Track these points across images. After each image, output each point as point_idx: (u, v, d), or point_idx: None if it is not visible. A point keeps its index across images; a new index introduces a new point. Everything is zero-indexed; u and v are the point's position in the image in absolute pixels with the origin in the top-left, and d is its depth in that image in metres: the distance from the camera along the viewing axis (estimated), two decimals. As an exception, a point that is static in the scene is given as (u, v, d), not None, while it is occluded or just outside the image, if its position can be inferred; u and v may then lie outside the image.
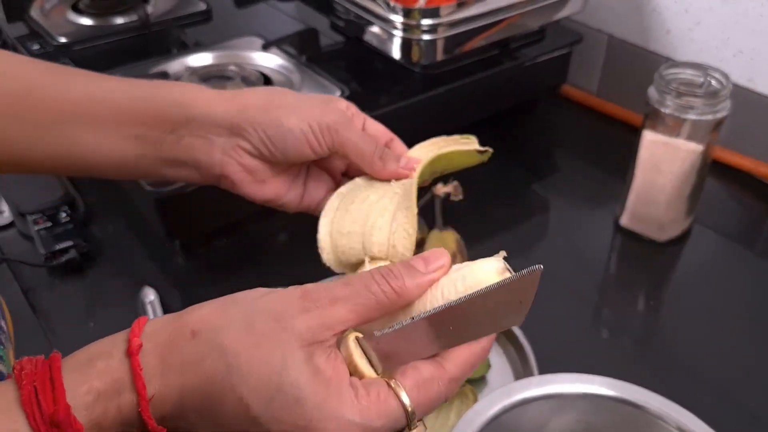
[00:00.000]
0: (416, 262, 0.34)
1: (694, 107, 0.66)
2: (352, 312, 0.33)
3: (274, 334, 0.31)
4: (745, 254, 0.75)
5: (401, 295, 0.33)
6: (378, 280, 0.33)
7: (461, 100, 0.83)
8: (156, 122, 0.45)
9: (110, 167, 0.46)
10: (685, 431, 0.41)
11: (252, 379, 0.31)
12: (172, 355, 0.32)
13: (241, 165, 0.47)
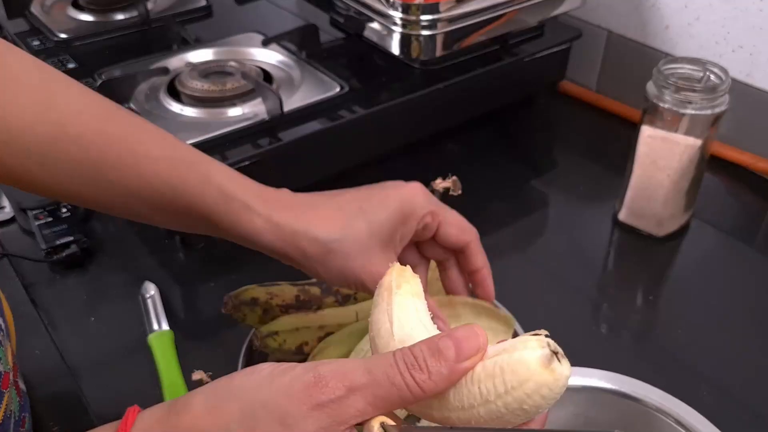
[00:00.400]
0: (446, 346, 0.29)
1: (692, 102, 0.66)
2: (370, 405, 0.29)
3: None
4: (743, 249, 0.75)
5: (426, 390, 0.29)
6: (402, 371, 0.29)
7: (460, 96, 0.83)
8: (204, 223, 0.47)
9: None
10: (684, 424, 0.41)
11: None
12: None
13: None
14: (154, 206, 0.45)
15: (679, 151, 0.68)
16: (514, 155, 0.90)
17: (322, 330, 0.57)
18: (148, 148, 0.45)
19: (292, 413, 0.28)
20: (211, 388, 0.31)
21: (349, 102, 0.77)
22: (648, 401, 0.42)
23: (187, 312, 0.67)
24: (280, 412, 0.28)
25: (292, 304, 0.59)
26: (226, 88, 0.75)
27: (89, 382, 0.59)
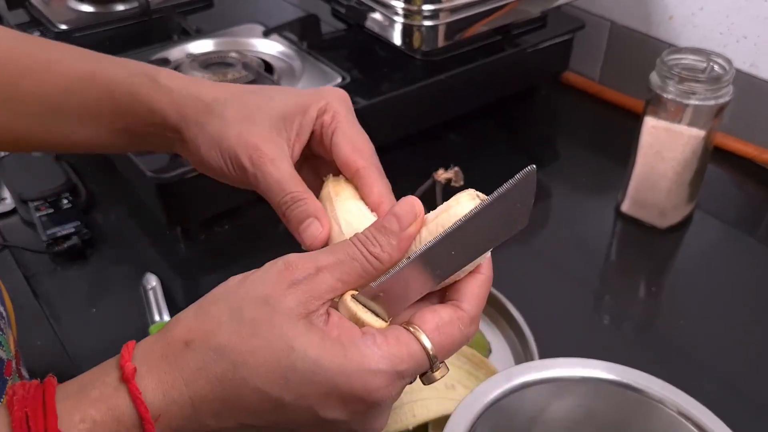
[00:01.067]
0: (389, 221, 0.33)
1: (696, 93, 0.66)
2: (339, 281, 0.32)
3: (267, 318, 0.31)
4: (746, 241, 0.75)
5: (384, 261, 0.33)
6: (359, 247, 0.33)
7: (462, 87, 0.83)
8: (133, 121, 0.44)
9: (102, 151, 0.49)
10: (685, 414, 0.41)
11: (261, 368, 0.30)
12: (171, 372, 0.31)
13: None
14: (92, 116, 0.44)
15: (683, 142, 0.67)
16: (516, 146, 0.89)
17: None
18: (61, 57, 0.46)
19: (272, 295, 0.31)
20: (196, 304, 0.33)
21: (350, 93, 0.74)
22: (649, 392, 0.42)
23: (188, 303, 0.67)
24: (261, 297, 0.31)
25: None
26: (226, 78, 0.74)
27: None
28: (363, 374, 0.31)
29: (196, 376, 0.31)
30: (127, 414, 0.30)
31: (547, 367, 0.45)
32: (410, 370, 0.32)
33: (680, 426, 0.41)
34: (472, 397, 0.45)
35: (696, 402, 0.41)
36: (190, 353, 0.31)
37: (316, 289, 0.32)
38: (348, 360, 0.31)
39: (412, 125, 0.83)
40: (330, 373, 0.30)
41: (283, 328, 0.31)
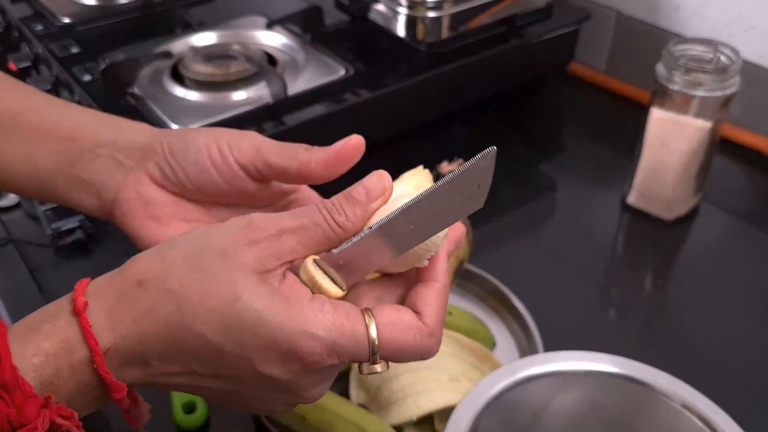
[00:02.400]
0: (357, 192, 0.34)
1: (702, 84, 0.65)
2: (300, 244, 0.33)
3: (221, 267, 0.31)
4: (754, 233, 0.74)
5: (346, 230, 0.33)
6: (324, 214, 0.33)
7: (467, 79, 0.82)
8: (80, 138, 0.42)
9: (26, 184, 0.43)
10: (691, 408, 0.41)
11: (207, 314, 0.31)
12: (121, 308, 0.32)
13: (138, 192, 0.40)
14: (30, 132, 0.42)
15: (689, 133, 0.67)
16: (522, 138, 0.89)
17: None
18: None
19: (230, 248, 0.32)
20: (154, 248, 0.34)
21: (354, 85, 0.76)
22: (655, 385, 0.42)
23: (192, 297, 0.67)
24: (220, 248, 0.32)
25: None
26: (229, 71, 0.74)
27: (95, 367, 0.59)
28: (301, 334, 0.31)
29: (144, 316, 0.31)
30: (78, 346, 0.31)
31: (552, 361, 0.44)
32: (347, 348, 0.32)
33: (685, 419, 0.41)
34: (477, 390, 0.45)
35: (701, 395, 0.41)
36: (141, 292, 0.32)
37: (276, 249, 0.32)
38: (290, 317, 0.31)
39: (417, 117, 0.82)
40: (271, 327, 0.31)
41: (234, 278, 0.31)
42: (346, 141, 0.39)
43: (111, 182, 0.41)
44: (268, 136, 0.67)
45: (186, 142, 0.40)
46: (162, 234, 0.40)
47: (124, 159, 0.41)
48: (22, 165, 0.42)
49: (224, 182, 0.40)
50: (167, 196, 0.41)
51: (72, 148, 0.41)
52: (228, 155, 0.39)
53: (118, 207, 0.41)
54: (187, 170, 0.40)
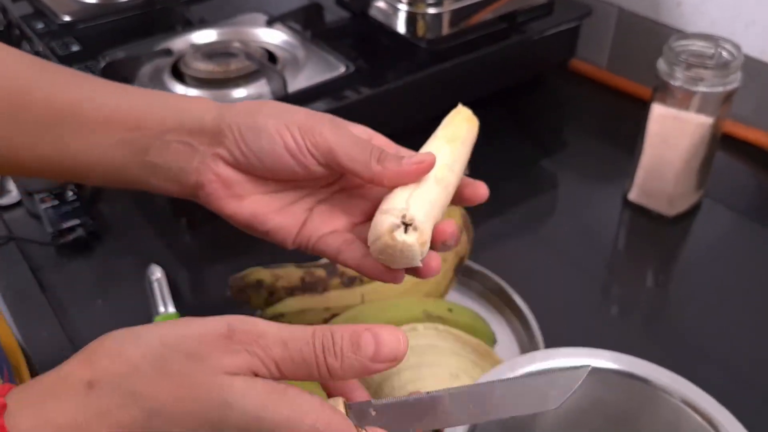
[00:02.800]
0: (366, 343, 0.30)
1: (704, 79, 0.65)
2: (278, 371, 0.30)
3: (196, 372, 0.28)
4: (756, 229, 0.74)
5: (334, 376, 0.30)
6: (317, 353, 0.29)
7: (468, 75, 0.82)
8: (147, 125, 0.41)
9: (99, 173, 0.43)
10: (691, 404, 0.41)
11: (185, 418, 0.28)
12: (60, 411, 0.28)
13: (215, 174, 0.40)
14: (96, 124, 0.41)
15: (691, 129, 0.66)
16: (523, 135, 0.89)
17: (327, 312, 0.57)
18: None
19: (204, 353, 0.28)
20: (102, 341, 0.30)
21: (355, 82, 0.76)
22: (655, 381, 0.42)
23: (193, 294, 0.67)
24: (189, 353, 0.28)
25: (297, 286, 0.59)
26: (230, 69, 0.74)
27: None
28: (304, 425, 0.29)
29: (94, 422, 0.28)
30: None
31: (552, 357, 0.44)
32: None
33: (686, 416, 0.41)
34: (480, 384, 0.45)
35: (702, 392, 0.41)
36: (92, 395, 0.28)
37: (255, 369, 0.29)
38: (292, 414, 0.29)
39: (419, 114, 0.82)
40: (273, 425, 0.28)
41: (216, 381, 0.28)
42: (421, 160, 0.38)
43: (188, 167, 0.41)
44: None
45: (256, 126, 0.39)
46: (244, 209, 0.41)
47: (195, 143, 0.41)
48: (91, 157, 0.41)
49: (297, 166, 0.39)
50: (242, 175, 0.41)
51: (139, 137, 0.41)
52: (302, 145, 0.38)
53: (200, 190, 0.41)
54: (260, 157, 0.39)
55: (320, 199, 0.42)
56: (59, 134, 0.41)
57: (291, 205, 0.41)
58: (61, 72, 0.43)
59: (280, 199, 0.41)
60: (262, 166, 0.39)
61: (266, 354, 0.29)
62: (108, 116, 0.41)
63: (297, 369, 0.30)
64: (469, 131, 0.42)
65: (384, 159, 0.38)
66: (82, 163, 0.42)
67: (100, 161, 0.41)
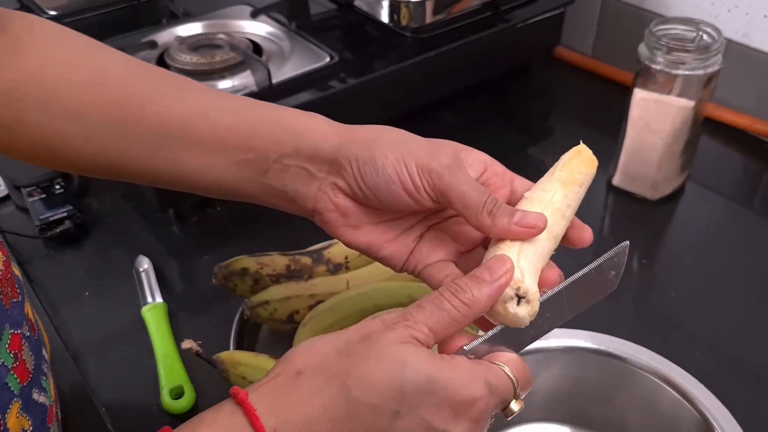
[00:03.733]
0: (481, 272, 0.35)
1: (685, 63, 0.65)
2: (431, 331, 0.34)
3: (372, 348, 0.33)
4: (740, 212, 0.75)
5: (472, 307, 0.34)
6: (448, 298, 0.35)
7: (453, 64, 0.82)
8: (263, 148, 0.41)
9: (215, 189, 0.43)
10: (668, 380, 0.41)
11: (376, 385, 0.32)
12: (282, 396, 0.33)
13: (334, 204, 0.41)
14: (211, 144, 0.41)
15: (672, 113, 0.67)
16: (510, 123, 0.89)
17: (312, 298, 0.57)
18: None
19: (372, 334, 0.34)
20: (299, 345, 0.35)
21: (340, 72, 0.76)
22: (632, 359, 0.42)
23: (181, 284, 0.68)
24: (362, 335, 0.34)
25: (283, 273, 0.59)
26: (215, 60, 0.74)
27: (85, 354, 0.59)
28: (468, 382, 0.33)
29: (308, 400, 0.32)
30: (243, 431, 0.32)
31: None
32: (500, 387, 0.34)
33: (663, 392, 0.42)
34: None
35: (678, 368, 0.41)
36: (301, 381, 0.33)
37: (413, 333, 0.34)
38: (454, 374, 0.33)
39: (404, 104, 0.83)
40: (442, 383, 0.32)
41: (393, 349, 0.33)
42: (533, 225, 0.37)
43: (306, 192, 0.41)
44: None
45: (374, 164, 0.39)
46: (360, 238, 0.42)
47: (314, 170, 0.41)
48: (207, 174, 0.42)
49: (414, 203, 0.40)
50: (359, 207, 0.41)
51: (255, 158, 0.41)
52: (420, 185, 0.39)
53: (318, 215, 0.42)
54: (378, 195, 0.40)
55: (430, 225, 0.43)
56: (174, 150, 0.41)
57: (403, 233, 0.42)
58: (174, 82, 0.43)
59: (393, 227, 0.42)
60: (377, 201, 0.40)
61: (414, 321, 0.34)
62: (223, 136, 0.41)
63: (442, 320, 0.34)
64: (587, 175, 0.41)
65: (496, 213, 0.38)
66: (198, 181, 0.42)
67: (216, 180, 0.42)
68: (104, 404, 0.55)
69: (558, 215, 0.38)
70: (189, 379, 0.57)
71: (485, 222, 0.38)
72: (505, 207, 0.38)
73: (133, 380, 0.58)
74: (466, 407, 0.33)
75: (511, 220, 0.37)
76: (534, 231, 0.37)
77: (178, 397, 0.55)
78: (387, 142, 0.40)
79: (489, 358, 0.35)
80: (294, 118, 0.42)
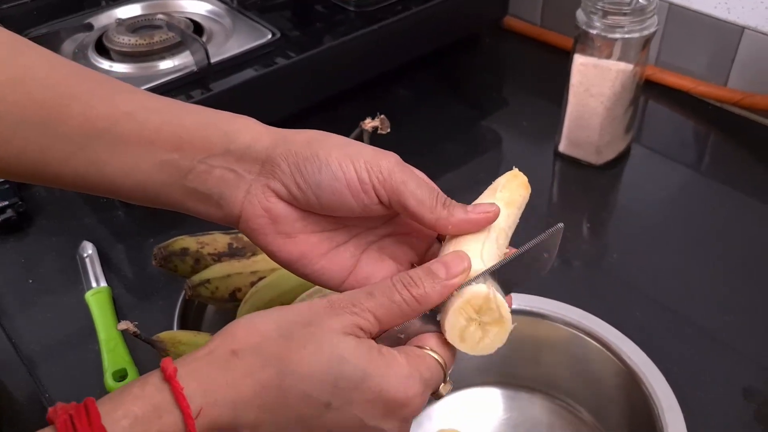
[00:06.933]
0: (437, 267, 0.35)
1: (621, 26, 0.65)
2: (378, 321, 0.34)
3: (314, 334, 0.33)
4: (685, 172, 0.75)
5: (423, 303, 0.34)
6: (400, 290, 0.34)
7: (399, 37, 0.82)
8: (191, 149, 0.38)
9: (138, 194, 0.40)
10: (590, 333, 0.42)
11: (311, 375, 0.32)
12: (214, 375, 0.32)
13: (264, 209, 0.38)
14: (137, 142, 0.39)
15: (611, 76, 0.67)
16: (462, 97, 0.89)
17: (254, 275, 0.57)
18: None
19: (316, 319, 0.33)
20: (237, 321, 0.34)
21: (283, 48, 0.75)
22: (555, 317, 0.43)
23: (128, 269, 0.67)
24: (306, 320, 0.33)
25: (225, 252, 0.59)
26: (153, 41, 0.73)
27: (27, 341, 0.59)
28: (407, 382, 0.33)
29: (241, 382, 0.32)
30: (168, 409, 0.31)
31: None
32: (432, 378, 0.34)
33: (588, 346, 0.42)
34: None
35: (598, 320, 0.42)
36: (236, 361, 0.32)
37: (357, 322, 0.34)
38: (389, 370, 0.33)
39: (351, 78, 0.82)
40: (378, 381, 0.32)
41: (332, 341, 0.33)
42: (486, 210, 0.37)
43: (232, 195, 0.38)
44: (196, 103, 0.68)
45: (316, 160, 0.37)
46: (291, 249, 0.39)
47: (242, 172, 0.38)
48: (129, 176, 0.39)
49: (357, 205, 0.37)
50: (294, 212, 0.38)
51: (180, 159, 0.38)
52: (368, 183, 0.36)
53: (245, 222, 0.39)
54: (318, 194, 0.37)
55: (369, 242, 0.41)
56: (95, 152, 0.38)
57: (339, 246, 0.40)
58: (102, 82, 0.40)
59: (329, 239, 0.39)
60: (317, 202, 0.37)
61: (361, 309, 0.34)
62: (148, 137, 0.38)
63: (390, 311, 0.34)
64: (524, 198, 0.40)
65: (450, 205, 0.37)
66: (119, 184, 0.39)
67: (138, 184, 0.39)
68: (47, 389, 0.55)
69: (503, 236, 0.38)
70: (132, 361, 0.57)
71: (441, 214, 0.36)
72: (455, 202, 0.37)
73: (76, 365, 0.58)
74: (400, 406, 0.33)
75: (466, 210, 0.36)
76: (490, 215, 0.37)
77: (121, 380, 0.55)
78: (330, 142, 0.38)
79: (417, 341, 0.35)
80: (228, 121, 0.39)
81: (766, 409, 0.52)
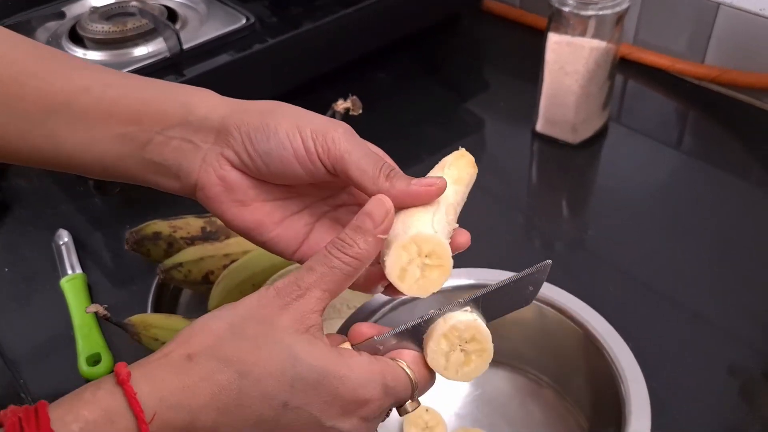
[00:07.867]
0: (362, 220, 0.34)
1: (594, 2, 0.65)
2: (325, 292, 0.34)
3: (267, 334, 0.33)
4: (662, 149, 0.75)
5: (362, 260, 0.34)
6: (336, 255, 0.34)
7: (377, 20, 0.82)
8: (149, 121, 0.39)
9: (97, 168, 0.40)
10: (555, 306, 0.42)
11: (267, 377, 0.32)
12: (169, 379, 0.32)
13: (219, 177, 0.39)
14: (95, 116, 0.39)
15: (585, 54, 0.67)
16: (443, 80, 0.89)
17: (227, 258, 0.57)
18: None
19: (267, 316, 0.33)
20: (190, 326, 0.34)
21: (258, 33, 0.75)
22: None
23: (104, 255, 0.67)
24: (258, 318, 0.33)
25: (198, 236, 0.59)
26: (126, 28, 0.73)
27: (3, 329, 0.59)
28: (364, 383, 0.33)
29: (198, 385, 0.31)
30: (121, 414, 0.30)
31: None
32: (397, 388, 0.34)
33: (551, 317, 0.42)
34: (361, 311, 0.46)
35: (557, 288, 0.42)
36: (192, 365, 0.32)
37: (307, 306, 0.34)
38: (350, 369, 0.33)
39: (329, 62, 0.82)
40: (335, 381, 0.33)
41: (286, 341, 0.33)
42: (431, 183, 0.36)
43: (189, 166, 0.39)
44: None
45: (266, 129, 0.37)
46: (246, 217, 0.39)
47: (199, 142, 0.39)
48: (88, 151, 0.39)
49: (305, 174, 0.37)
50: (247, 180, 0.39)
51: (138, 131, 0.38)
52: (312, 150, 0.37)
53: (201, 191, 0.39)
54: (267, 162, 0.38)
55: (323, 212, 0.41)
56: (53, 127, 0.38)
57: (293, 215, 0.40)
58: (60, 59, 0.40)
59: (282, 208, 0.40)
60: (267, 170, 0.38)
61: (306, 287, 0.34)
62: (106, 110, 0.38)
63: (334, 278, 0.34)
64: (471, 176, 0.40)
65: (393, 177, 0.37)
66: (77, 159, 0.39)
67: (96, 158, 0.39)
68: (21, 375, 0.55)
69: (452, 211, 0.37)
70: (107, 346, 0.57)
71: (383, 186, 0.36)
72: (401, 173, 0.37)
73: (51, 351, 0.58)
74: (357, 406, 0.33)
75: (409, 182, 0.36)
76: (433, 189, 0.36)
77: (95, 364, 0.55)
78: (282, 112, 0.38)
79: (394, 354, 0.36)
80: (186, 93, 0.40)
81: (750, 385, 0.52)
